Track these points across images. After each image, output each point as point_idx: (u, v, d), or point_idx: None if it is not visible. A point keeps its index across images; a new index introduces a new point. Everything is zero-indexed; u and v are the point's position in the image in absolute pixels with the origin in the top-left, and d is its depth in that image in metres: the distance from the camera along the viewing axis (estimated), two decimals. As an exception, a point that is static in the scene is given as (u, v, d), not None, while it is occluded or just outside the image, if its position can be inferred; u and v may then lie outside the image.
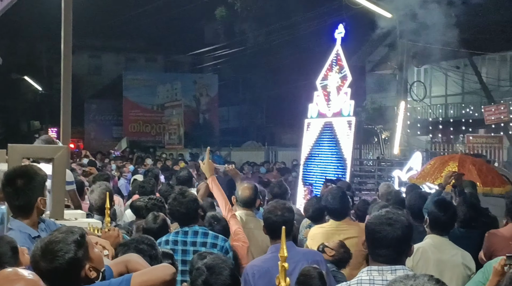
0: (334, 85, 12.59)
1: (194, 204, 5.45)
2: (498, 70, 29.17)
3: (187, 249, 5.26)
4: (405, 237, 3.47)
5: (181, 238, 5.31)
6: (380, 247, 3.46)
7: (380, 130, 20.89)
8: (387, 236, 3.43)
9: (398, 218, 3.48)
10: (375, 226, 3.49)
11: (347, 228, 6.23)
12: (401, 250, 3.47)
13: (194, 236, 5.30)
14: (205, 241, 5.28)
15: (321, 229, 6.35)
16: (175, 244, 5.29)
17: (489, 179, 9.54)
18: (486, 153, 19.74)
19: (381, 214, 3.54)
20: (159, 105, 42.97)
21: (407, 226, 3.49)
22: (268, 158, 28.56)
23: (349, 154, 12.08)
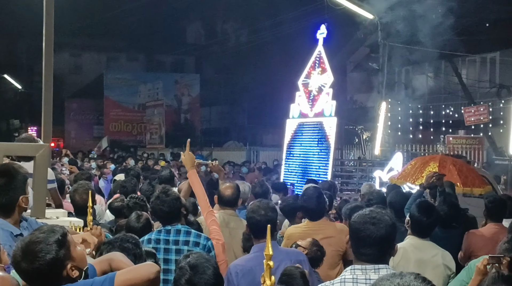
0: (316, 86, 12.63)
1: (177, 203, 5.41)
2: (478, 72, 29.38)
3: (169, 247, 5.24)
4: (389, 236, 3.48)
5: (164, 236, 5.29)
6: (364, 246, 3.46)
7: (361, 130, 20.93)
8: (370, 235, 3.43)
9: (382, 217, 3.48)
10: (359, 225, 3.49)
11: (323, 228, 6.23)
12: (384, 249, 3.48)
13: (176, 235, 5.28)
14: (187, 240, 5.25)
15: (297, 229, 6.36)
16: (157, 243, 5.27)
17: (469, 179, 9.58)
18: (466, 154, 19.85)
19: (365, 213, 3.53)
20: (141, 104, 42.87)
21: (391, 225, 3.49)
22: (249, 158, 28.56)
23: (330, 154, 12.12)
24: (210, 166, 7.65)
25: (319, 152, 12.34)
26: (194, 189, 5.81)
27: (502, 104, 23.82)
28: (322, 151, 12.27)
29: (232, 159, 26.29)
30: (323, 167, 12.15)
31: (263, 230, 4.85)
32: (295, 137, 13.24)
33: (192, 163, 5.97)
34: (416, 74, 31.15)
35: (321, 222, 6.30)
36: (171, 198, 5.38)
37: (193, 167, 5.95)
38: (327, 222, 6.44)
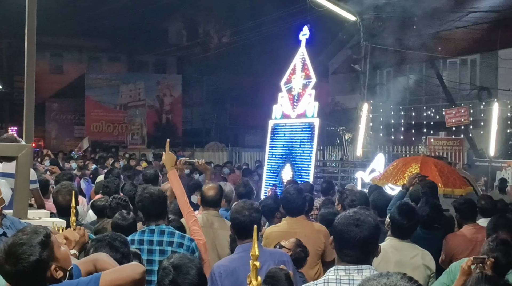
0: (299, 87, 12.65)
1: (166, 202, 5.48)
2: (459, 74, 29.58)
3: (153, 248, 5.22)
4: (372, 237, 3.49)
5: (147, 237, 5.27)
6: (347, 247, 3.47)
7: (343, 132, 21.00)
8: (354, 236, 3.43)
9: (365, 218, 3.49)
10: (342, 226, 3.49)
11: (301, 227, 6.26)
12: (368, 250, 3.49)
13: (160, 235, 5.26)
14: (171, 240, 5.24)
15: (276, 228, 6.38)
16: (140, 244, 5.25)
17: (451, 180, 9.66)
18: (447, 155, 20.00)
19: (348, 214, 3.54)
20: (122, 105, 42.69)
21: (375, 226, 3.50)
22: (231, 159, 28.55)
23: (313, 155, 12.14)
24: (197, 165, 7.64)
25: (302, 152, 12.36)
26: (174, 189, 5.80)
27: (482, 106, 24.01)
28: (305, 152, 12.29)
29: (213, 159, 26.26)
30: (306, 168, 12.17)
31: (247, 230, 4.86)
32: (277, 138, 13.25)
33: (172, 163, 5.97)
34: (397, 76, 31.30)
35: (299, 221, 6.32)
36: (163, 196, 5.44)
37: (173, 167, 5.94)
38: (305, 221, 6.47)
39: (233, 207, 5.14)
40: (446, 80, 27.53)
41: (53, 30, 36.53)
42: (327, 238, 6.20)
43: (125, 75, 45.56)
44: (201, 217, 6.19)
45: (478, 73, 28.87)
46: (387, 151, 18.50)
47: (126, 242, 4.30)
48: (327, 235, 6.24)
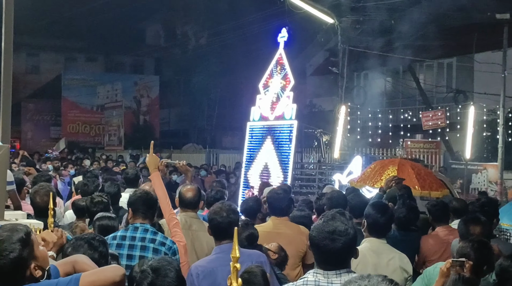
0: (276, 89, 12.66)
1: (156, 204, 5.55)
2: (436, 77, 29.82)
3: (135, 244, 5.22)
4: (349, 247, 3.52)
5: (130, 233, 5.28)
6: (324, 259, 3.52)
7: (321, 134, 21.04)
8: (330, 250, 3.46)
9: (341, 230, 3.48)
10: (318, 240, 3.49)
11: (286, 228, 6.28)
12: (344, 257, 3.53)
13: (144, 233, 5.28)
14: (154, 238, 5.26)
15: (260, 228, 6.38)
16: (122, 239, 5.26)
17: (427, 182, 9.72)
18: (423, 158, 20.12)
19: (323, 226, 3.52)
20: (99, 106, 42.51)
21: (351, 238, 3.51)
22: (209, 161, 28.51)
23: (290, 157, 12.16)
24: (178, 166, 7.63)
25: (280, 155, 12.37)
26: (156, 191, 5.81)
27: (459, 109, 24.23)
28: (283, 154, 12.30)
29: (191, 161, 26.16)
30: (284, 170, 12.18)
31: (225, 231, 4.87)
32: (255, 140, 13.25)
33: (156, 165, 5.98)
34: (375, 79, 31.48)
35: (284, 222, 6.34)
36: (154, 198, 5.55)
37: (156, 169, 5.95)
38: (290, 222, 6.49)
39: (211, 208, 5.15)
40: (423, 84, 27.75)
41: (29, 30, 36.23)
42: None
43: (102, 76, 45.37)
44: (179, 218, 6.18)
45: (454, 76, 29.12)
46: (365, 153, 18.57)
47: (105, 242, 4.30)
48: None
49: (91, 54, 47.14)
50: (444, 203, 7.29)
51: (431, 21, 23.02)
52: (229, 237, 4.81)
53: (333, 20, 20.75)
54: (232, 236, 4.63)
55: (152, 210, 5.46)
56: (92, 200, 6.59)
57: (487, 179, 19.52)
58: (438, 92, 28.59)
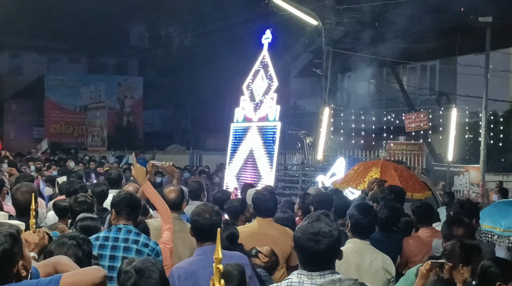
0: (260, 90, 12.67)
1: (139, 205, 5.57)
2: (419, 79, 29.96)
3: (118, 245, 5.21)
4: (333, 249, 3.55)
5: (113, 234, 5.27)
6: (308, 260, 3.54)
7: (304, 135, 21.07)
8: (314, 251, 3.49)
9: (325, 232, 3.51)
10: (303, 242, 3.52)
11: (271, 229, 6.28)
12: (328, 258, 3.55)
13: (127, 234, 5.27)
14: (137, 239, 5.26)
15: (245, 228, 6.39)
16: (105, 240, 5.25)
17: (410, 184, 9.76)
18: (406, 160, 20.22)
19: (307, 228, 3.55)
20: (82, 106, 42.33)
21: (335, 239, 3.54)
22: (192, 162, 28.47)
23: (274, 158, 12.16)
24: (164, 167, 7.64)
25: (263, 156, 12.37)
26: (153, 201, 5.85)
27: (441, 112, 24.35)
28: (266, 155, 12.31)
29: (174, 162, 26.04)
30: (267, 171, 12.19)
31: (207, 233, 4.87)
32: (239, 141, 13.24)
33: (143, 176, 5.99)
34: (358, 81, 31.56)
35: (269, 223, 6.34)
36: (138, 199, 5.57)
37: (145, 179, 5.96)
38: (275, 224, 6.49)
39: (194, 210, 5.15)
40: (406, 86, 27.87)
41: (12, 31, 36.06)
42: None
43: (85, 76, 45.19)
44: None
45: (437, 79, 29.29)
46: (348, 155, 18.62)
47: (89, 241, 4.32)
48: None
49: (75, 55, 46.91)
50: (428, 205, 7.33)
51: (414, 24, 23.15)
52: (212, 239, 4.81)
53: (317, 22, 20.80)
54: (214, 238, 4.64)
55: (135, 211, 5.46)
56: (76, 200, 6.56)
57: (469, 181, 19.65)
58: (421, 95, 28.73)
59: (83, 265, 3.82)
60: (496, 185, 18.73)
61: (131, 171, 17.93)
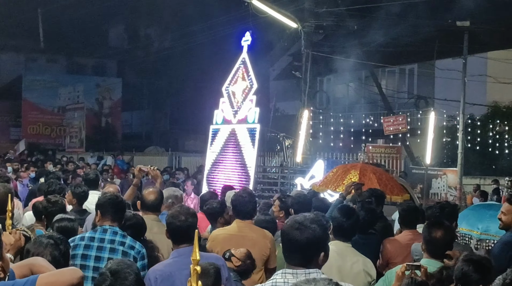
0: (240, 92, 12.66)
1: (125, 207, 5.61)
2: (397, 83, 30.12)
3: (104, 246, 5.21)
4: (316, 243, 3.52)
5: (99, 235, 5.27)
6: (290, 250, 3.54)
7: (283, 138, 21.08)
8: (295, 239, 3.49)
9: (309, 224, 3.52)
10: (286, 228, 3.57)
11: (250, 231, 6.27)
12: (309, 254, 3.52)
13: (113, 235, 5.27)
14: (123, 241, 5.26)
15: (223, 230, 6.38)
16: (91, 241, 5.25)
17: (389, 187, 9.80)
18: (384, 163, 20.29)
19: (295, 218, 3.61)
20: (60, 107, 42.07)
21: (320, 233, 3.53)
22: (171, 164, 28.39)
23: (253, 160, 12.16)
24: (149, 170, 7.66)
25: (242, 158, 12.37)
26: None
27: (419, 115, 24.46)
28: (246, 157, 12.30)
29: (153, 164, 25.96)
30: (245, 173, 12.18)
31: (183, 235, 4.85)
32: (218, 143, 13.22)
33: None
34: (337, 84, 31.70)
35: (248, 225, 6.33)
36: (123, 201, 5.62)
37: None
38: (254, 226, 6.48)
39: (170, 212, 5.13)
40: (385, 89, 27.99)
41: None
42: (273, 244, 6.25)
43: (63, 77, 44.93)
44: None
45: (415, 82, 29.47)
46: (327, 158, 18.66)
47: (66, 241, 4.31)
48: (273, 242, 6.30)
49: (53, 55, 46.59)
50: (414, 208, 7.35)
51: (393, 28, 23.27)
52: (188, 241, 4.79)
53: (297, 25, 20.82)
54: (190, 240, 4.63)
55: (121, 213, 5.46)
56: (49, 201, 6.53)
57: (446, 184, 19.74)
58: (400, 98, 28.88)
59: (60, 265, 3.79)
60: (473, 188, 18.86)
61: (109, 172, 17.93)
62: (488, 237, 7.89)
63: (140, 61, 42.69)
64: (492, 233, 7.70)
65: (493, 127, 23.68)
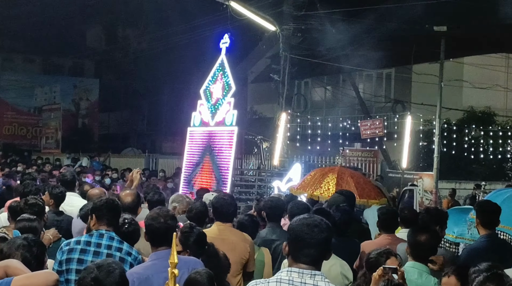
0: (218, 95, 12.65)
1: (119, 210, 5.48)
2: (375, 87, 30.26)
3: (101, 251, 5.12)
4: (328, 242, 3.63)
5: (95, 240, 5.18)
6: (304, 247, 3.57)
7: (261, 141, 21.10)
8: (313, 240, 3.55)
9: (324, 224, 3.64)
10: (302, 226, 3.60)
11: (229, 235, 6.25)
12: (321, 254, 3.61)
13: (109, 241, 5.19)
14: (120, 247, 5.19)
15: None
16: (87, 245, 5.16)
17: (366, 191, 9.85)
18: (361, 166, 20.40)
19: (306, 217, 3.68)
20: (37, 108, 41.74)
21: (331, 232, 3.68)
22: (148, 166, 28.28)
23: (230, 163, 12.15)
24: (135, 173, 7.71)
25: (220, 160, 12.35)
26: None
27: (396, 119, 24.61)
28: (223, 159, 12.29)
29: (130, 166, 25.91)
30: (224, 176, 12.17)
31: (161, 238, 4.82)
32: (196, 145, 13.21)
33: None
34: (315, 87, 31.79)
35: (228, 228, 6.32)
36: (118, 204, 5.48)
37: None
38: (234, 229, 6.47)
39: (148, 214, 5.10)
40: (362, 93, 28.12)
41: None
42: (252, 248, 6.25)
43: (40, 77, 44.60)
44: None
45: (393, 86, 29.63)
46: (304, 161, 18.70)
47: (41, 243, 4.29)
48: (253, 246, 6.30)
49: (29, 55, 46.21)
50: (394, 212, 7.36)
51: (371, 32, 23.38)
52: (166, 243, 4.77)
53: (275, 28, 20.86)
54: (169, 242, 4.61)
55: (117, 217, 5.38)
56: (27, 202, 6.46)
57: (422, 188, 19.84)
58: (377, 102, 29.02)
59: (31, 267, 3.76)
60: (449, 193, 19.01)
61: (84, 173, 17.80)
62: (463, 240, 7.95)
63: (118, 63, 42.51)
64: (467, 237, 7.75)
65: (468, 132, 23.88)
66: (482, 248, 6.18)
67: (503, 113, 25.96)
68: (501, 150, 24.31)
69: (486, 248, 6.16)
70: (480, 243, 6.31)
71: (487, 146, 23.88)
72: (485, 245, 6.23)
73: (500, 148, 24.28)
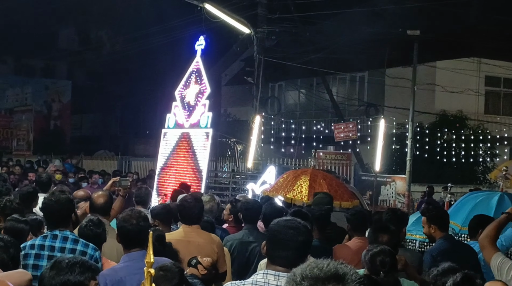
0: (192, 97, 12.61)
1: (70, 205, 5.36)
2: (348, 90, 30.41)
3: (54, 255, 5.00)
4: (307, 245, 3.63)
5: (49, 243, 5.10)
6: (281, 249, 3.56)
7: (235, 143, 21.11)
8: (292, 242, 3.55)
9: (301, 225, 3.64)
10: (280, 228, 3.62)
11: (196, 237, 6.22)
12: (299, 257, 3.53)
13: (63, 242, 5.10)
14: (74, 248, 5.10)
15: (170, 236, 6.30)
16: (41, 249, 5.07)
17: (339, 193, 9.85)
18: (335, 169, 20.48)
19: (285, 219, 3.71)
20: (8, 109, 41.29)
21: (309, 234, 3.68)
22: (121, 168, 28.10)
23: (205, 165, 12.11)
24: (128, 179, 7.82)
25: (194, 162, 12.31)
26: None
27: (370, 122, 24.77)
28: (197, 162, 12.24)
29: (103, 168, 25.74)
30: (198, 178, 12.12)
31: (134, 239, 4.77)
32: (169, 147, 13.14)
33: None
34: (289, 90, 31.87)
35: (195, 230, 6.28)
36: (65, 197, 5.33)
37: None
38: (201, 230, 6.43)
39: (120, 216, 5.04)
40: (335, 96, 28.23)
41: None
42: (221, 249, 6.21)
43: (11, 78, 44.16)
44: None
45: (366, 90, 29.80)
46: (278, 163, 18.73)
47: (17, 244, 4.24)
48: (221, 246, 6.26)
49: (0, 56, 45.71)
50: (363, 213, 7.35)
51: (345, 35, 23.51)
52: (139, 245, 4.72)
53: (250, 31, 20.87)
54: (142, 244, 4.57)
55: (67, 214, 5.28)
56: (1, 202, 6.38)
57: (395, 191, 20.00)
58: (350, 105, 29.17)
59: (8, 269, 3.71)
60: (421, 196, 19.16)
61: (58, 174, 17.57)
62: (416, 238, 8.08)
63: (91, 64, 42.26)
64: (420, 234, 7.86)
65: (441, 136, 24.11)
66: (443, 249, 6.25)
67: (474, 117, 26.23)
68: (472, 154, 24.57)
69: (447, 249, 6.23)
70: (440, 244, 6.37)
71: (459, 150, 24.12)
72: (445, 246, 6.30)
73: (472, 151, 24.54)
